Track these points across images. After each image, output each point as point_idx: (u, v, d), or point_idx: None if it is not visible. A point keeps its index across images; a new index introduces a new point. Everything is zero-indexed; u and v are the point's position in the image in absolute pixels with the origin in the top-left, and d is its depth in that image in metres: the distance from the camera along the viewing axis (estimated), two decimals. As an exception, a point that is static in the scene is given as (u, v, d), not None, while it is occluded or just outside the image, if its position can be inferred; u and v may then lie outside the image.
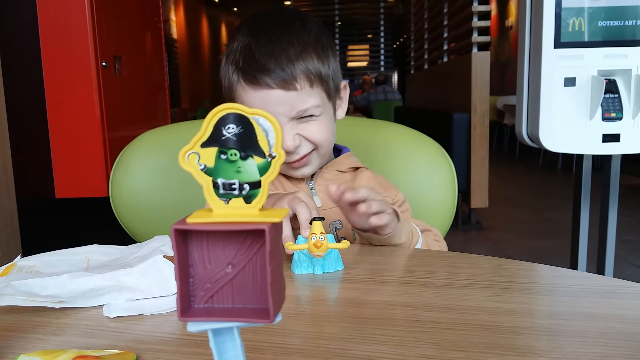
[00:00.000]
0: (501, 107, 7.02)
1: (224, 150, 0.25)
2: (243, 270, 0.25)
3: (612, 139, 1.54)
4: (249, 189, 0.25)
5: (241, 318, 0.25)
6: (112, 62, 2.29)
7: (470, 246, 3.18)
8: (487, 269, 0.65)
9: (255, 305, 0.25)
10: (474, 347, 0.44)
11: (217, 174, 0.25)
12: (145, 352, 0.43)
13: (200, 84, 8.62)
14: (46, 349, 0.44)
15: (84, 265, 0.59)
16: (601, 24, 1.51)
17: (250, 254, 0.25)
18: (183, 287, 0.25)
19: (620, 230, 1.97)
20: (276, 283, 0.25)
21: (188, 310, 0.25)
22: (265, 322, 0.24)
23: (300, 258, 0.62)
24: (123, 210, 1.02)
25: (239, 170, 0.25)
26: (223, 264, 0.26)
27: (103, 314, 0.51)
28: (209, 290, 0.26)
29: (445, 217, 1.00)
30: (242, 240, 0.25)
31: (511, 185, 5.11)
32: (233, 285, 0.26)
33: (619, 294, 0.55)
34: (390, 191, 0.87)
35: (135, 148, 1.04)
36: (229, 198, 0.25)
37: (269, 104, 0.76)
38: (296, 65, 0.75)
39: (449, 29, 4.35)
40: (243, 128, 0.25)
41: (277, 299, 0.25)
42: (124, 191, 1.02)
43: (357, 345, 0.44)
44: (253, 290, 0.25)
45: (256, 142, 0.25)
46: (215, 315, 0.25)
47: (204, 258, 0.26)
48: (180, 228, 0.24)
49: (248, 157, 0.25)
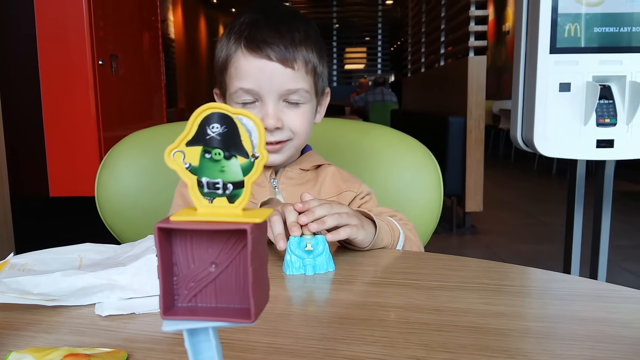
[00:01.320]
0: (497, 111, 7.04)
1: (208, 150, 0.25)
2: (226, 270, 0.25)
3: (606, 144, 1.55)
4: (233, 188, 0.25)
5: (224, 318, 0.25)
6: (109, 60, 2.28)
7: (464, 250, 3.18)
8: (477, 271, 0.66)
9: (237, 305, 0.25)
10: (462, 349, 0.44)
11: (201, 172, 0.25)
12: (137, 351, 0.43)
13: (197, 84, 8.62)
14: (37, 346, 0.43)
15: (77, 264, 0.59)
16: (597, 30, 1.52)
17: (234, 254, 0.25)
18: (166, 286, 0.25)
19: (614, 235, 1.98)
20: (258, 283, 0.25)
21: (171, 309, 0.25)
22: (247, 322, 0.24)
23: (292, 259, 0.62)
24: (109, 212, 1.01)
25: (223, 169, 0.25)
26: (206, 263, 0.26)
27: (95, 313, 0.51)
28: (192, 289, 0.26)
29: (432, 218, 1.00)
30: (225, 240, 0.25)
31: (506, 189, 5.13)
32: (216, 285, 0.26)
33: (608, 297, 0.55)
34: (353, 185, 0.88)
35: (121, 149, 1.03)
36: (212, 197, 0.25)
37: (263, 74, 0.78)
38: (298, 49, 0.79)
39: (446, 33, 4.36)
40: (227, 128, 0.25)
41: (259, 299, 0.25)
42: (110, 193, 1.00)
43: (347, 346, 0.44)
44: (236, 290, 0.25)
45: (240, 142, 0.25)
46: (198, 314, 0.25)
47: (188, 257, 0.26)
48: (163, 227, 0.24)
49: (232, 156, 0.25)
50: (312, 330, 0.48)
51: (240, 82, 0.79)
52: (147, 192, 1.00)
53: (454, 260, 0.69)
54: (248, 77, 0.78)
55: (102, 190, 1.00)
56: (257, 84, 0.78)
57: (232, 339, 0.45)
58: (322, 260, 0.62)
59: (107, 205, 1.01)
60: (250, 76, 0.78)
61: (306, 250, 0.61)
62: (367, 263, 0.69)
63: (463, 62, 3.48)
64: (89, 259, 0.60)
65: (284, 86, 0.79)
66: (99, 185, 1.01)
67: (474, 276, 0.63)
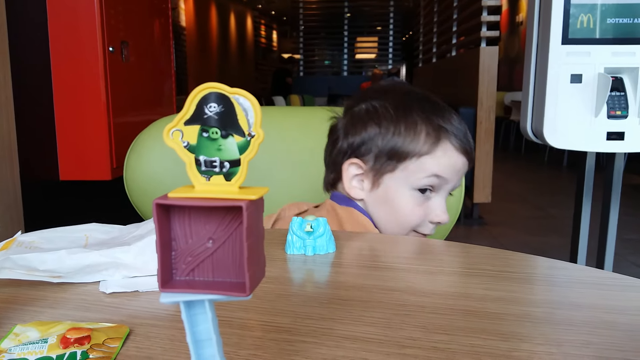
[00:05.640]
0: (508, 103, 6.99)
1: (206, 129, 0.26)
2: (223, 245, 0.26)
3: (617, 137, 1.53)
4: (229, 166, 0.26)
5: (220, 291, 0.26)
6: (119, 47, 2.30)
7: (471, 241, 3.17)
8: (479, 258, 0.66)
9: (233, 279, 0.26)
10: (458, 331, 0.44)
11: (199, 151, 0.26)
12: (139, 327, 0.44)
13: (208, 71, 8.63)
14: (42, 320, 0.45)
15: (83, 243, 0.60)
16: (610, 21, 1.50)
17: (230, 230, 0.26)
18: (165, 260, 0.26)
19: (622, 229, 1.97)
20: (254, 259, 0.26)
21: (169, 282, 0.26)
22: (242, 295, 0.25)
23: (293, 239, 0.63)
24: (136, 193, 1.07)
25: (220, 148, 0.26)
26: (204, 238, 0.26)
27: (99, 290, 0.52)
28: (190, 264, 0.27)
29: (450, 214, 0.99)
30: (222, 216, 0.26)
31: (516, 181, 5.10)
32: (213, 260, 0.26)
33: (608, 285, 0.56)
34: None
35: (148, 134, 1.09)
36: (210, 175, 0.26)
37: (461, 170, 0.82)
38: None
39: (458, 23, 4.33)
40: (224, 107, 0.25)
41: (254, 274, 0.26)
42: (137, 174, 1.07)
43: (344, 326, 0.45)
44: (232, 264, 0.26)
45: (236, 121, 0.25)
46: (195, 287, 0.26)
47: (186, 232, 0.26)
48: (161, 202, 0.25)
49: (228, 135, 0.26)
50: (310, 310, 0.49)
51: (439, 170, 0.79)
52: (172, 174, 1.05)
53: (456, 246, 0.69)
54: (447, 168, 0.80)
55: (130, 172, 1.07)
56: (450, 176, 0.80)
57: (232, 317, 0.46)
58: (322, 241, 0.63)
59: (134, 186, 1.07)
60: (450, 169, 0.80)
61: (306, 231, 0.62)
62: (369, 247, 0.69)
63: (475, 52, 3.46)
64: (94, 238, 0.61)
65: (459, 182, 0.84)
66: (128, 167, 1.07)
67: (475, 262, 0.63)
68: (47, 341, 0.40)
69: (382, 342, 0.42)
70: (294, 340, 0.42)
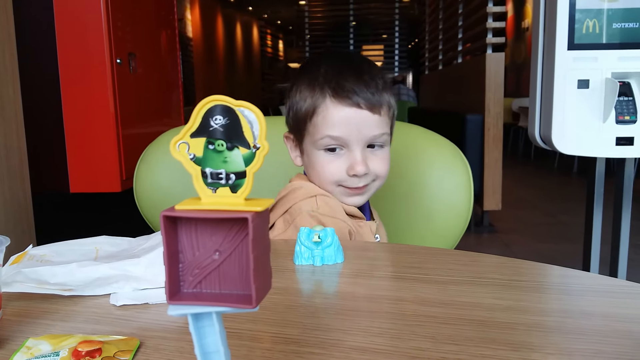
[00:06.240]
0: (516, 109, 6.96)
1: (212, 141, 0.26)
2: (229, 257, 0.26)
3: (626, 142, 1.52)
4: (235, 178, 0.26)
5: (226, 303, 0.26)
6: (127, 59, 2.32)
7: (482, 248, 3.16)
8: (489, 266, 0.65)
9: (240, 291, 0.26)
10: (468, 341, 0.44)
11: (205, 163, 0.26)
12: (149, 339, 0.45)
13: (215, 82, 8.68)
14: (54, 333, 0.45)
15: (93, 255, 0.61)
16: (616, 26, 1.49)
17: (237, 242, 0.26)
18: (172, 272, 0.26)
19: (635, 235, 1.94)
20: (260, 271, 0.26)
21: (176, 294, 0.26)
22: (248, 307, 0.25)
23: (301, 249, 0.63)
24: (146, 204, 1.07)
25: (226, 160, 0.26)
26: (210, 250, 0.26)
27: (110, 302, 0.52)
28: (197, 276, 0.27)
29: (460, 221, 0.98)
30: (228, 228, 0.26)
31: (526, 187, 5.07)
32: (220, 272, 0.27)
33: (619, 293, 0.55)
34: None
35: (157, 146, 1.09)
36: (216, 187, 0.26)
37: (353, 122, 0.81)
38: (382, 95, 0.83)
39: (463, 30, 4.33)
40: (229, 119, 0.26)
41: (260, 285, 0.26)
42: (147, 186, 1.07)
43: (352, 337, 0.45)
44: (238, 276, 0.26)
45: (241, 133, 0.26)
46: (203, 299, 0.26)
47: (193, 244, 0.27)
48: (168, 215, 0.25)
49: (234, 147, 0.26)
50: (319, 321, 0.49)
51: (329, 129, 0.81)
52: (182, 184, 1.05)
53: (465, 255, 0.69)
54: (337, 125, 0.81)
55: (140, 184, 1.07)
56: (346, 132, 0.81)
57: (241, 329, 0.46)
58: (330, 251, 0.63)
59: (144, 197, 1.07)
60: (340, 124, 0.81)
61: (314, 241, 0.62)
62: (377, 257, 0.69)
63: (481, 59, 3.45)
64: (104, 250, 0.62)
65: (371, 132, 0.82)
66: (137, 179, 1.07)
67: (485, 271, 0.63)
68: (58, 354, 0.41)
69: (391, 353, 0.42)
70: (303, 352, 0.42)
